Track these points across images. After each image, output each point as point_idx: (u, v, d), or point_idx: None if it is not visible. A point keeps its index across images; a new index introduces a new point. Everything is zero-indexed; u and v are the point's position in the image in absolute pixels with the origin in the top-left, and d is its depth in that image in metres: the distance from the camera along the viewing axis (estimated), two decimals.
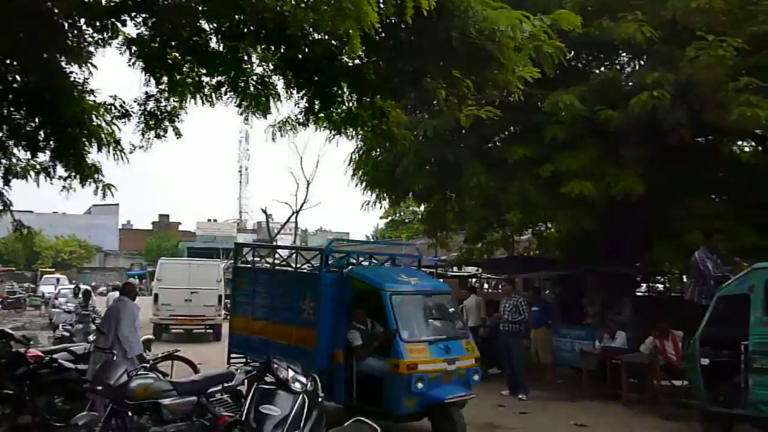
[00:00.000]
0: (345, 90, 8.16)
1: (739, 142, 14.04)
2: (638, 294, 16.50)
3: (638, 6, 11.25)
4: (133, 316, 8.70)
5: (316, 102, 8.22)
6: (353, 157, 15.30)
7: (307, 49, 7.20)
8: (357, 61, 7.71)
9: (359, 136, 12.76)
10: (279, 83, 8.37)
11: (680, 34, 11.02)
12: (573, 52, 12.02)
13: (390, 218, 47.63)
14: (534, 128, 11.98)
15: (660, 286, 18.70)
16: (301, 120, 9.07)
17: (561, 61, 7.77)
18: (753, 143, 13.81)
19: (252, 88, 8.41)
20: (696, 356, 8.71)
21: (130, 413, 6.29)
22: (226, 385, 6.86)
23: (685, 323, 9.63)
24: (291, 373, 6.23)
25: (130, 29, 7.87)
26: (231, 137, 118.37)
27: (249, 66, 8.23)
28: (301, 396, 6.02)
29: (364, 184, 15.24)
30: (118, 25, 7.71)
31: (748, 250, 11.01)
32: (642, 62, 12.38)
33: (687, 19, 10.68)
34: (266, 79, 8.37)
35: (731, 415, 8.52)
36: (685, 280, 16.52)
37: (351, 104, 8.67)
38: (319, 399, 6.43)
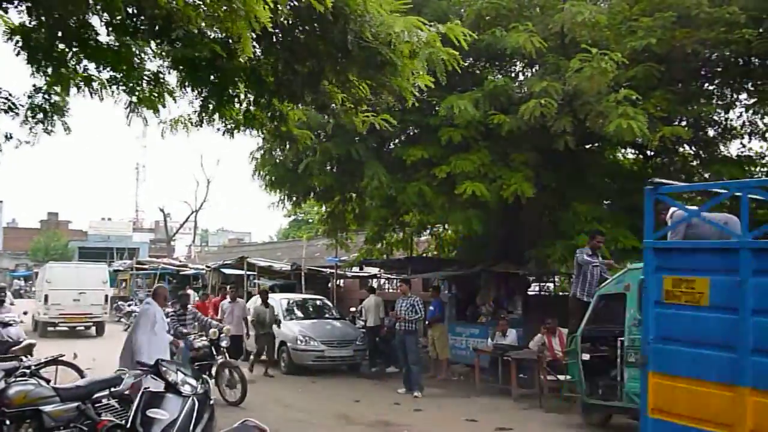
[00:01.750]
0: (242, 90, 8.09)
1: (622, 150, 14.90)
2: (529, 293, 17.21)
3: (529, 17, 11.76)
4: (151, 321, 8.22)
5: (211, 101, 8.09)
6: (255, 155, 15.17)
7: (201, 48, 7.07)
8: (254, 62, 7.66)
9: (260, 136, 12.72)
10: (173, 81, 8.19)
11: (567, 46, 11.64)
12: (470, 59, 12.45)
13: (293, 218, 47.37)
14: (431, 130, 12.30)
15: (550, 286, 19.54)
16: (195, 119, 8.88)
17: (455, 67, 8.01)
18: (634, 151, 14.70)
19: (145, 85, 8.18)
20: (577, 352, 9.20)
21: (8, 422, 5.99)
22: (113, 389, 6.65)
23: (570, 318, 10.15)
24: (180, 376, 6.12)
25: (13, 16, 7.48)
26: (129, 134, 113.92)
27: (141, 62, 7.99)
28: (191, 399, 5.93)
29: (266, 183, 15.14)
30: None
31: (627, 252, 11.71)
32: (533, 71, 12.94)
33: (574, 31, 11.29)
34: (159, 77, 8.16)
35: (609, 406, 9.05)
36: (572, 279, 17.39)
37: (248, 105, 8.61)
38: (210, 402, 6.35)
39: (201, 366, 9.97)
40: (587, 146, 13.63)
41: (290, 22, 6.90)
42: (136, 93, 8.07)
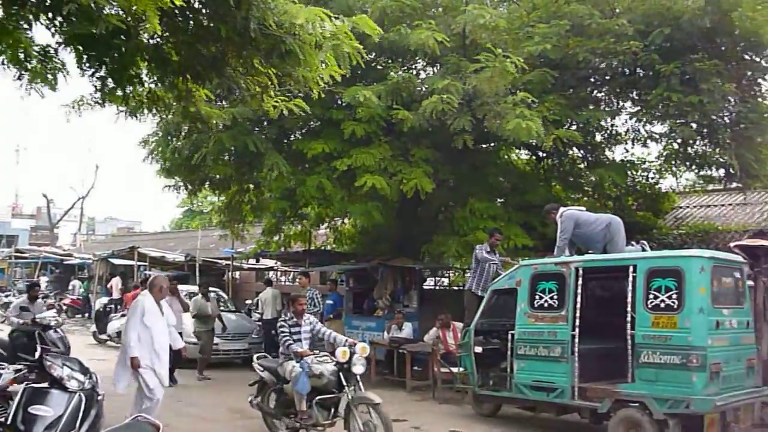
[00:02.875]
0: (144, 70, 7.77)
1: (517, 150, 15.47)
2: (425, 287, 17.55)
3: (433, 17, 11.98)
4: (139, 313, 7.48)
5: (110, 80, 7.71)
6: (149, 141, 14.60)
7: (99, 24, 6.71)
8: (157, 41, 7.37)
9: (158, 119, 12.27)
10: (70, 58, 7.74)
11: (468, 47, 11.94)
12: (373, 54, 12.53)
13: (186, 208, 46.00)
14: (333, 124, 12.30)
15: (445, 280, 20.00)
16: (94, 99, 8.44)
17: (359, 62, 8.04)
18: (527, 152, 15.29)
19: (35, 61, 7.69)
20: (470, 345, 9.50)
21: None
22: None
23: (466, 312, 10.46)
24: (66, 370, 5.85)
25: None
26: (10, 114, 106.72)
27: (30, 36, 7.51)
28: (77, 395, 5.68)
29: (160, 170, 14.62)
30: None
31: (519, 248, 12.18)
32: (435, 69, 13.19)
33: (475, 33, 11.60)
34: (49, 53, 7.68)
35: (499, 397, 9.40)
36: (467, 275, 17.90)
37: (152, 85, 8.28)
38: (99, 397, 6.10)
39: (324, 400, 7.67)
40: (484, 145, 14.06)
41: (194, 2, 6.70)
42: (29, 69, 7.56)
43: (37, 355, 8.35)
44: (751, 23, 10.79)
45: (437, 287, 19.55)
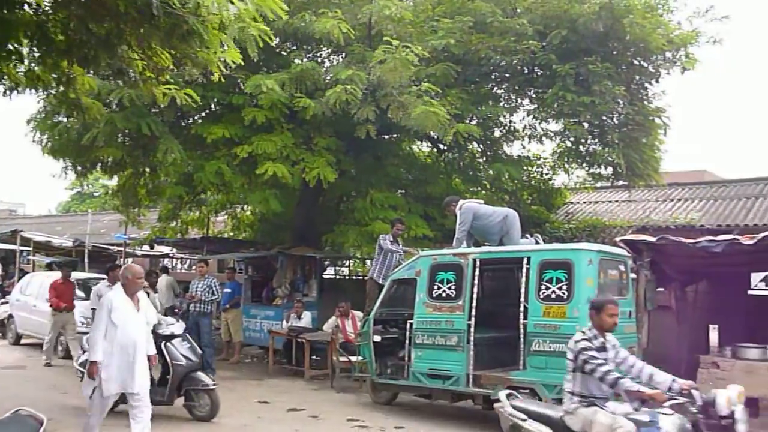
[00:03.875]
0: (25, 46, 7.28)
1: (419, 142, 15.69)
2: (325, 276, 17.53)
3: (339, 6, 11.91)
4: (106, 310, 6.33)
5: None
6: (36, 119, 13.70)
7: None
8: (42, 15, 6.92)
9: (43, 99, 11.56)
10: None
11: (374, 37, 11.97)
12: (278, 39, 12.33)
13: (76, 191, 43.78)
14: (234, 109, 12.02)
15: (346, 270, 20.06)
16: None
17: (264, 47, 7.89)
18: (429, 144, 15.54)
19: None
20: (369, 333, 9.57)
21: None
22: None
23: (367, 300, 10.51)
24: None
25: None
26: None
27: None
28: None
29: (45, 150, 13.75)
30: None
31: (419, 239, 12.38)
32: (340, 58, 13.14)
33: (380, 24, 11.64)
34: None
35: (396, 385, 9.53)
36: (368, 264, 18.02)
37: (32, 63, 7.77)
38: None
39: None
40: (387, 136, 14.16)
41: None
42: None
43: None
44: (640, 30, 11.42)
45: (338, 276, 19.59)
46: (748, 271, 12.80)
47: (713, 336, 13.16)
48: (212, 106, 12.97)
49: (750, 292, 13.82)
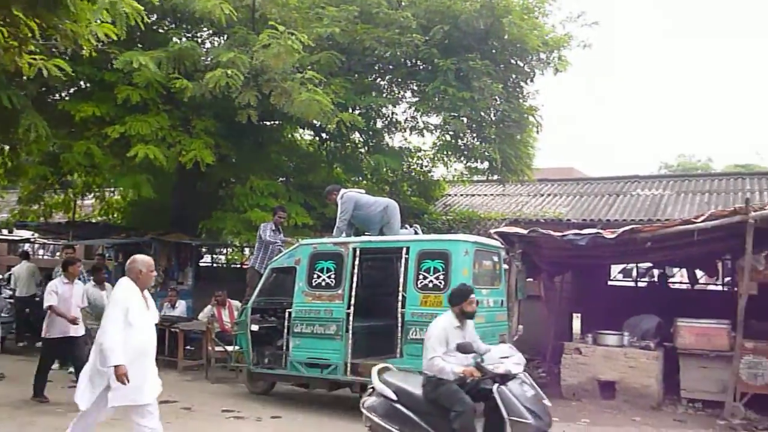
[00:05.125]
0: None
1: (301, 130, 15.54)
2: (201, 264, 17.04)
3: None
4: (121, 309, 5.51)
5: None
6: None
7: None
8: None
9: None
10: None
11: (257, 21, 11.68)
12: (155, 16, 11.78)
13: None
14: (106, 87, 11.36)
15: (223, 257, 19.60)
16: None
17: (139, 23, 7.50)
18: (311, 132, 15.43)
19: None
20: (247, 323, 9.40)
21: None
22: None
23: (248, 289, 10.30)
24: None
25: None
26: None
27: None
28: None
29: None
30: None
31: (300, 227, 12.28)
32: (221, 40, 12.74)
33: (265, 7, 11.39)
34: None
35: (274, 375, 9.43)
36: (246, 252, 17.70)
37: None
38: None
39: None
40: (269, 122, 13.92)
41: None
42: None
43: None
44: (518, 31, 11.88)
45: (215, 264, 19.11)
46: (609, 263, 13.75)
47: (576, 324, 14.02)
48: (82, 82, 12.18)
49: (610, 282, 14.85)
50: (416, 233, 9.41)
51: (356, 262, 8.62)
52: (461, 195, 18.14)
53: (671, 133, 68.54)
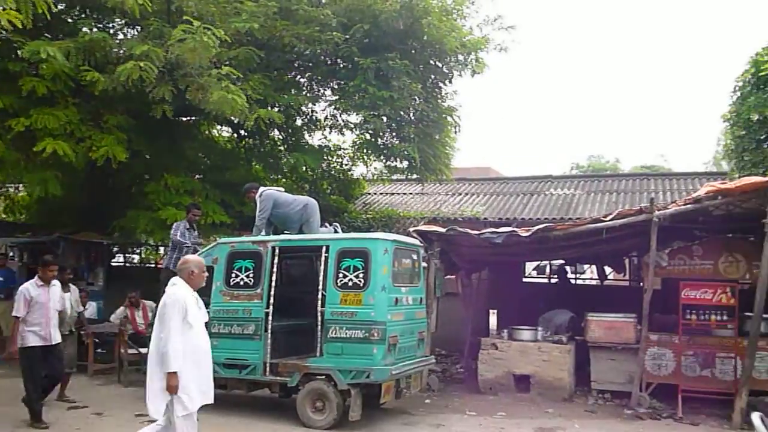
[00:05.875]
0: None
1: (218, 127, 15.22)
2: (113, 264, 16.45)
3: None
4: (180, 311, 5.40)
5: None
6: None
7: None
8: None
9: None
10: None
11: (173, 13, 11.35)
12: (63, 4, 11.29)
13: None
14: (10, 78, 10.77)
15: (136, 257, 18.98)
16: None
17: (45, 12, 7.15)
18: (229, 129, 15.14)
19: None
20: None
21: None
22: None
23: (161, 292, 9.97)
24: None
25: None
26: None
27: None
28: None
29: None
30: None
31: (217, 226, 12.04)
32: (135, 32, 12.31)
33: (181, 0, 11.08)
34: None
35: None
36: (162, 251, 17.20)
37: None
38: None
39: None
40: (185, 118, 13.58)
41: None
42: None
43: None
44: (437, 32, 12.03)
45: (127, 264, 18.49)
46: (524, 260, 14.16)
47: (493, 320, 14.36)
48: None
49: (525, 279, 15.28)
50: (336, 232, 9.41)
51: (275, 261, 8.55)
52: (381, 194, 18.24)
53: (583, 135, 71.25)
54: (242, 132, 14.44)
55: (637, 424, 8.89)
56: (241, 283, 8.73)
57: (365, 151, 14.73)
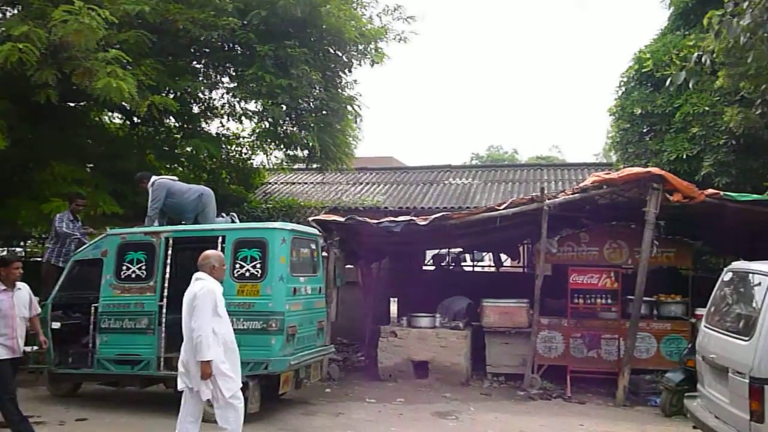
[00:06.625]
0: None
1: (110, 113, 14.56)
2: None
3: None
4: (212, 301, 5.91)
5: None
6: None
7: None
8: None
9: None
10: None
11: None
12: None
13: None
14: None
15: (20, 249, 17.96)
16: None
17: None
18: (122, 116, 14.51)
19: None
20: (47, 320, 8.67)
21: None
22: None
23: (44, 286, 9.47)
24: None
25: None
26: None
27: None
28: None
29: None
30: None
31: (108, 217, 11.54)
32: (14, 11, 11.55)
33: None
34: None
35: (79, 374, 8.83)
36: (47, 243, 16.33)
37: None
38: None
39: None
40: (72, 104, 12.90)
41: None
42: None
43: None
44: (336, 20, 11.97)
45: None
46: (423, 248, 14.40)
47: (394, 308, 14.55)
48: None
49: (425, 267, 15.56)
50: (233, 222, 9.23)
51: (169, 252, 8.30)
52: (282, 183, 18.06)
53: (484, 126, 73.26)
54: (135, 119, 13.87)
55: (529, 405, 9.27)
56: (133, 275, 8.44)
57: (265, 139, 14.49)
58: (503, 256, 15.27)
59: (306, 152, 13.67)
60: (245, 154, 15.80)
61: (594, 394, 9.80)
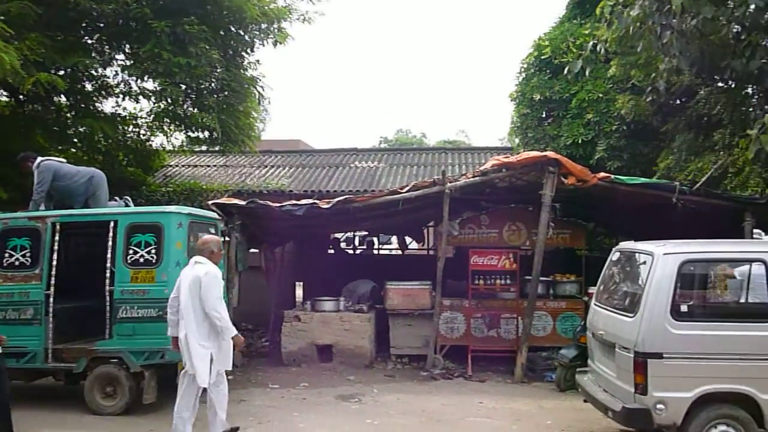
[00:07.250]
0: None
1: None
2: None
3: None
4: (215, 283, 6.31)
5: None
6: None
7: None
8: None
9: None
10: None
11: None
12: None
13: None
14: None
15: None
16: None
17: None
18: (7, 94, 13.59)
19: None
20: None
21: None
22: None
23: None
24: None
25: None
26: None
27: None
28: None
29: None
30: None
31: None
32: None
33: None
34: None
35: None
36: None
37: None
38: None
39: None
40: None
41: None
42: None
43: None
44: None
45: None
46: (328, 232, 14.31)
47: (299, 292, 14.43)
48: None
49: (330, 251, 15.49)
50: (127, 205, 8.83)
51: (56, 238, 7.86)
52: (183, 166, 17.49)
53: (392, 110, 73.65)
54: (21, 97, 13.02)
55: (431, 385, 9.41)
56: (17, 263, 7.95)
57: (163, 120, 13.95)
58: (408, 239, 15.40)
59: (207, 134, 13.28)
60: (143, 135, 15.12)
61: (494, 372, 10.06)
